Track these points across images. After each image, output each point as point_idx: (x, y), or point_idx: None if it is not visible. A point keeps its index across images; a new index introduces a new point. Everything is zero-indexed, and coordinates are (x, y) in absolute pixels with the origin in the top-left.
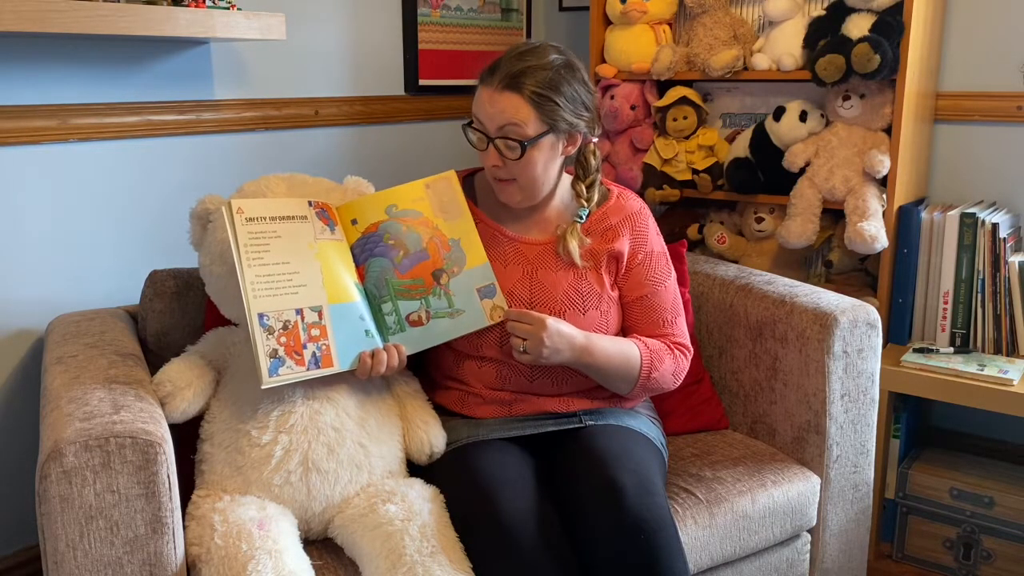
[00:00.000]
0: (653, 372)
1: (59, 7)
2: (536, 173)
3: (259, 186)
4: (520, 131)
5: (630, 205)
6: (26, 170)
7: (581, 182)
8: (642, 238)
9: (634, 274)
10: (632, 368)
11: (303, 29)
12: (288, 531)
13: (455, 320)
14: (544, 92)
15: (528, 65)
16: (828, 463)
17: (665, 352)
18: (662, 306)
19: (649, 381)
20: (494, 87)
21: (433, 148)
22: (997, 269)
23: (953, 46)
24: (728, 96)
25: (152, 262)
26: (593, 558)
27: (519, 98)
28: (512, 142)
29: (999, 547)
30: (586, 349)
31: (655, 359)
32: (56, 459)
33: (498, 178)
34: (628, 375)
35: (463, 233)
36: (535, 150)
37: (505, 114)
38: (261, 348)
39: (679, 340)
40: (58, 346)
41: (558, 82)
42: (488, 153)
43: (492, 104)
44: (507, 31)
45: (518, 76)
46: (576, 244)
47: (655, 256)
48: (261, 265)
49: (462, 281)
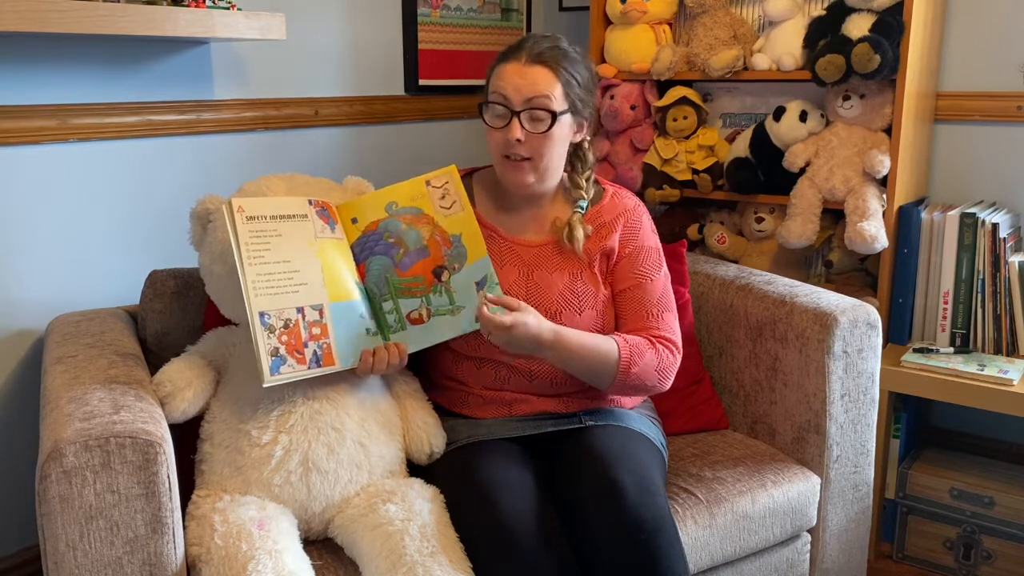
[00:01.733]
0: (632, 367)
1: (59, 7)
2: (555, 152)
3: (259, 186)
4: (551, 103)
5: (624, 203)
6: (26, 170)
7: (579, 175)
8: (633, 232)
9: (621, 266)
10: (609, 361)
11: (303, 29)
12: (288, 531)
13: (456, 317)
14: (569, 70)
15: (554, 45)
16: (828, 463)
17: (646, 346)
18: (648, 299)
19: (629, 376)
20: (523, 61)
21: (433, 148)
22: (997, 269)
23: (953, 46)
24: (728, 96)
25: (152, 262)
26: (593, 558)
27: (549, 72)
28: (542, 112)
29: (999, 547)
30: (556, 334)
31: (634, 353)
32: (56, 459)
33: (514, 156)
34: (605, 368)
35: (464, 228)
36: (559, 126)
37: (537, 86)
38: (263, 347)
39: (663, 334)
40: (58, 346)
41: (577, 63)
42: (511, 128)
43: (522, 76)
44: (507, 31)
45: (546, 52)
46: (582, 232)
47: (645, 250)
48: (262, 264)
49: (463, 277)
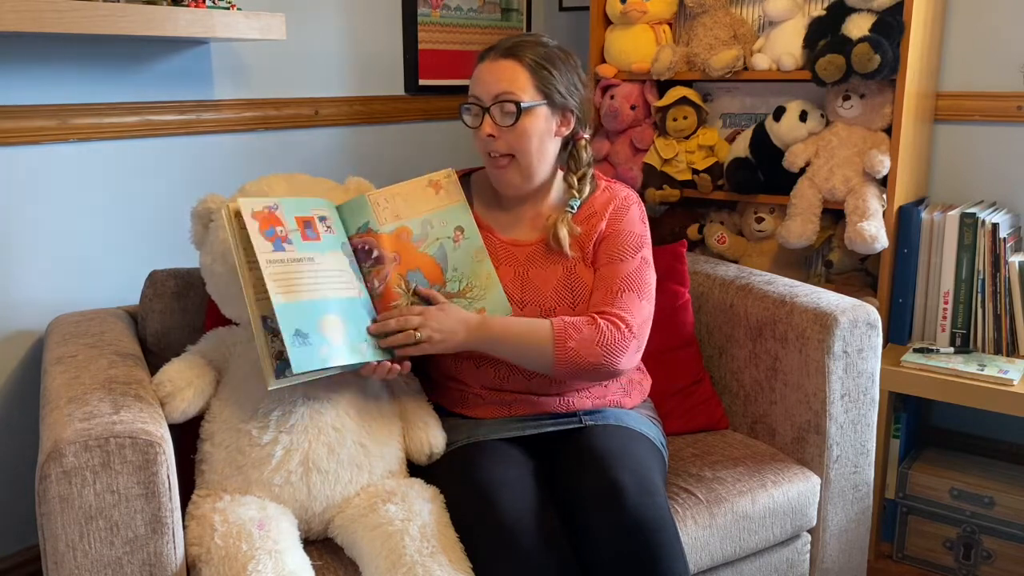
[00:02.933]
0: (568, 340)
1: (59, 7)
2: (532, 147)
3: (260, 186)
4: (516, 95)
5: (616, 192)
6: (26, 170)
7: (573, 174)
8: (618, 216)
9: (600, 248)
10: (543, 341)
11: (303, 29)
12: (288, 531)
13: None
14: (540, 61)
15: (526, 40)
16: (828, 463)
17: (584, 322)
18: (613, 278)
19: (567, 352)
20: (492, 58)
21: (433, 148)
22: (997, 269)
23: (953, 46)
24: (728, 96)
25: (152, 262)
26: (593, 558)
27: (516, 64)
28: (508, 106)
29: (999, 547)
30: (482, 324)
31: (569, 327)
32: (56, 459)
33: (494, 154)
34: (542, 347)
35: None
36: (530, 118)
37: (502, 82)
38: (267, 351)
39: (612, 311)
40: (58, 346)
41: (553, 57)
42: (483, 126)
43: (490, 72)
44: (507, 31)
45: (516, 47)
46: (566, 232)
47: (624, 233)
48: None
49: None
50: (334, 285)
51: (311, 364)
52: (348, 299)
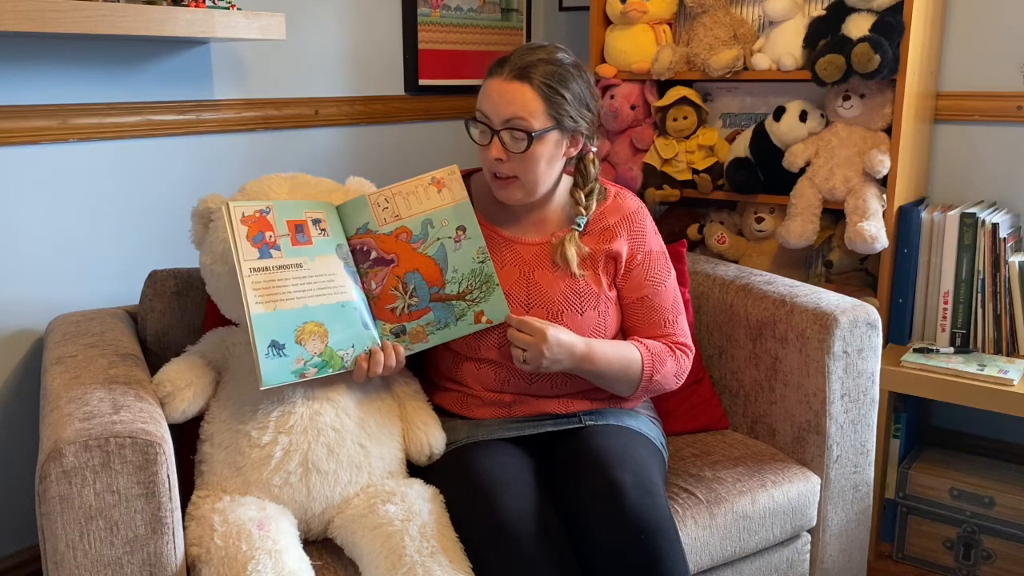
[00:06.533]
0: (655, 375)
1: (59, 7)
2: (539, 171)
3: (261, 186)
4: (527, 123)
5: (627, 205)
6: (26, 170)
7: (580, 190)
8: (640, 238)
9: (634, 275)
10: (633, 371)
11: (303, 29)
12: (288, 531)
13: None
14: (553, 84)
15: (539, 58)
16: (828, 463)
17: (667, 353)
18: (663, 306)
19: (651, 383)
20: (503, 77)
21: (433, 148)
22: (997, 269)
23: (953, 46)
24: (728, 96)
25: (152, 262)
26: (593, 558)
27: (529, 88)
28: (519, 133)
29: (999, 547)
30: (586, 356)
31: (656, 361)
32: (56, 459)
33: (499, 175)
34: (630, 379)
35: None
36: (540, 144)
37: (513, 105)
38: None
39: (680, 340)
40: (58, 346)
41: (566, 77)
42: (491, 147)
43: (500, 95)
44: (507, 31)
45: (528, 67)
46: (574, 252)
47: (654, 256)
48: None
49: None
50: (321, 291)
51: (281, 378)
52: (337, 304)
